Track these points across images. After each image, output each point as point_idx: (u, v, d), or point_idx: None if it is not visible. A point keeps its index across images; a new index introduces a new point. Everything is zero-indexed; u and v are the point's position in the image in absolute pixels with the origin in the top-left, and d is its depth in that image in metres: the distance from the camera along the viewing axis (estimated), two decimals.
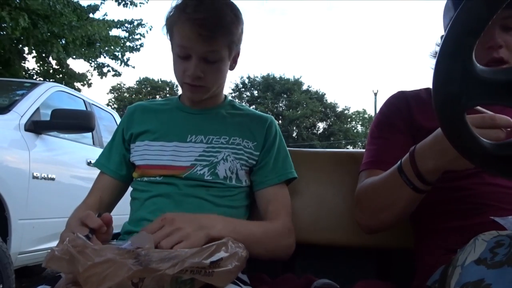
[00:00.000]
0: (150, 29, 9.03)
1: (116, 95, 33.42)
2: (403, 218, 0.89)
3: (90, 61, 8.75)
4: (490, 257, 0.61)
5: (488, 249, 0.62)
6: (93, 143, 3.39)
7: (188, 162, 1.00)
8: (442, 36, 0.91)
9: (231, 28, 0.96)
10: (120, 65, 8.72)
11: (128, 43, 8.79)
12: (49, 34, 6.83)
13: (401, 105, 1.03)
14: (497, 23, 0.91)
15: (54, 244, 2.64)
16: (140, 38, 8.87)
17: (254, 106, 32.11)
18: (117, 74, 9.04)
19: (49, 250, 0.65)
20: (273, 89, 33.39)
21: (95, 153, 3.27)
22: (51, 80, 8.13)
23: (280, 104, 34.10)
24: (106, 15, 8.75)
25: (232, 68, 1.07)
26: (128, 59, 8.76)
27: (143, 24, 8.83)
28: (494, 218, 0.73)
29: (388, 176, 0.86)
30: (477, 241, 0.65)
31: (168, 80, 34.05)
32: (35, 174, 2.44)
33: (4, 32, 6.47)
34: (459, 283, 0.62)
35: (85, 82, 9.27)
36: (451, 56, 0.51)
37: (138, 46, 8.84)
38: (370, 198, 0.92)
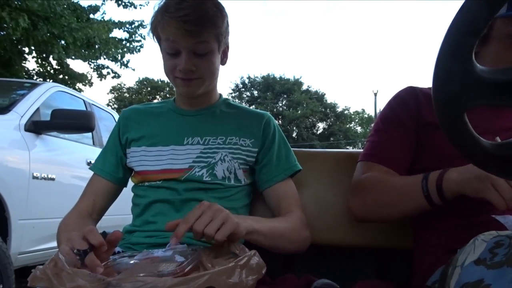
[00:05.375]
0: None
1: (116, 95, 33.40)
2: (402, 218, 0.91)
3: (90, 63, 8.74)
4: (490, 258, 0.61)
5: (488, 250, 0.62)
6: (93, 143, 3.39)
7: (186, 164, 1.00)
8: None
9: (216, 21, 0.96)
10: (120, 67, 8.71)
11: (128, 44, 8.76)
12: (49, 35, 6.82)
13: (410, 101, 1.01)
14: None
15: (53, 244, 2.65)
16: (140, 40, 8.86)
17: (254, 106, 32.08)
18: (117, 76, 9.02)
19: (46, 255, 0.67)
20: (273, 89, 33.36)
21: (95, 153, 3.26)
22: (52, 80, 8.13)
23: (280, 104, 34.08)
24: (105, 14, 8.74)
25: (223, 62, 1.06)
26: (128, 61, 8.73)
27: (144, 26, 8.82)
28: (495, 217, 0.73)
29: (409, 180, 0.87)
30: (477, 241, 0.66)
31: (168, 81, 33.99)
32: (35, 174, 2.44)
33: (5, 33, 6.47)
34: (459, 283, 0.62)
35: (86, 82, 9.26)
36: (451, 56, 0.51)
37: (138, 47, 8.81)
38: (379, 193, 0.92)
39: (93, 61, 8.66)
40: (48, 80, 8.20)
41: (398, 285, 0.93)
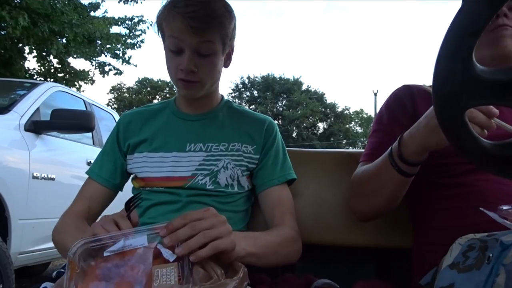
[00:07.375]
0: (151, 25, 8.98)
1: (116, 95, 33.40)
2: (393, 203, 0.92)
3: (91, 60, 8.73)
4: (462, 261, 0.62)
5: (461, 253, 0.63)
6: (93, 143, 3.39)
7: (189, 172, 0.99)
8: None
9: (223, 22, 0.95)
10: (122, 63, 8.70)
11: (129, 40, 8.75)
12: (49, 32, 6.82)
13: (406, 99, 1.02)
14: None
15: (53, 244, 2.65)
16: (141, 34, 8.84)
17: (254, 106, 32.09)
18: (119, 72, 9.01)
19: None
20: (273, 89, 33.36)
21: (95, 153, 3.25)
22: (52, 79, 8.13)
23: (280, 104, 34.08)
24: (107, 12, 8.75)
25: (226, 65, 1.05)
26: (129, 57, 8.71)
27: (144, 21, 8.81)
28: (483, 210, 0.72)
29: (380, 161, 0.90)
30: (454, 244, 0.66)
31: (168, 80, 34.02)
32: (35, 174, 2.44)
33: (5, 32, 6.47)
34: (436, 287, 0.62)
35: (88, 79, 9.25)
36: (451, 56, 0.51)
37: (139, 43, 8.80)
38: (362, 183, 0.96)
39: (94, 58, 8.65)
40: (48, 79, 8.20)
41: (398, 284, 0.93)
